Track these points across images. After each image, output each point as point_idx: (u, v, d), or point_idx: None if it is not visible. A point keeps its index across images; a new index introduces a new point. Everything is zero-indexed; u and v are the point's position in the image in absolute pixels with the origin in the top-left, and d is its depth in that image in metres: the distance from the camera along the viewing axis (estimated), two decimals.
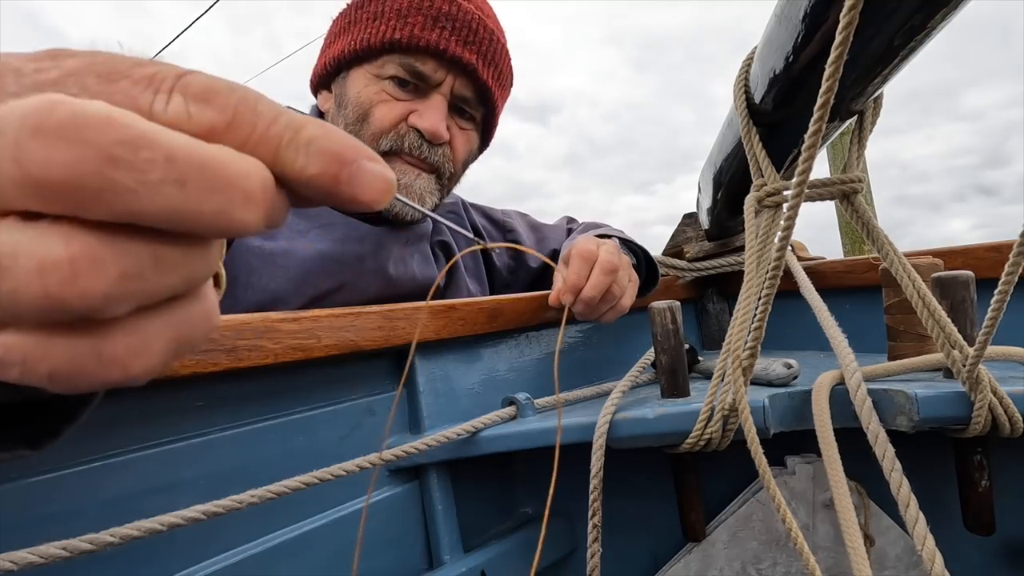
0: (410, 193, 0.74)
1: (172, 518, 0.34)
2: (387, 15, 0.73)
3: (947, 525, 0.49)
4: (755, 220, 0.52)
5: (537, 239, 1.04)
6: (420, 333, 0.57)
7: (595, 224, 1.03)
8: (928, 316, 0.45)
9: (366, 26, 0.74)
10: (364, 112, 0.73)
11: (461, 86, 0.76)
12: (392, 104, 0.73)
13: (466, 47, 0.74)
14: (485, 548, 0.59)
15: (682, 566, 0.60)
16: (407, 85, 0.73)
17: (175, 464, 0.43)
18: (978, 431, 0.43)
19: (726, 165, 0.70)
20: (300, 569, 0.48)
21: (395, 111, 0.73)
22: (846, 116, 0.50)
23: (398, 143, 0.73)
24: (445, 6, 0.73)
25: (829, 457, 0.42)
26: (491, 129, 0.86)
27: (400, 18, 0.72)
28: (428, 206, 0.77)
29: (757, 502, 0.60)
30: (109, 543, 0.31)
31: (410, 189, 0.74)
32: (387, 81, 0.73)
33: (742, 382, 0.46)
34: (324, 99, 0.81)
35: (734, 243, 0.90)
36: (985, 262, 0.65)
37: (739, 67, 0.55)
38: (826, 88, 0.33)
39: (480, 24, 0.75)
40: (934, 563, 0.35)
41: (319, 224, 0.74)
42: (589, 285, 0.63)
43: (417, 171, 0.75)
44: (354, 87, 0.75)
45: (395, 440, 0.57)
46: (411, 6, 0.73)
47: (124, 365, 0.15)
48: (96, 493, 0.39)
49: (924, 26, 0.37)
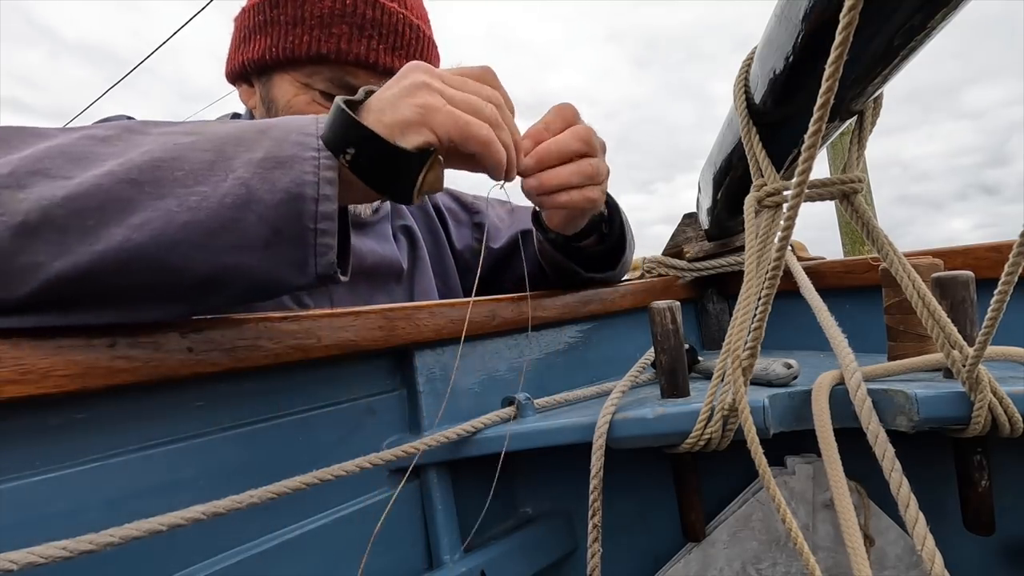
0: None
1: (173, 518, 0.34)
2: (309, 22, 0.70)
3: (947, 525, 0.49)
4: (755, 220, 0.52)
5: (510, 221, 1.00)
6: (420, 333, 0.57)
7: None
8: (928, 316, 0.45)
9: (286, 31, 0.71)
10: None
11: None
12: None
13: (395, 54, 0.73)
14: (485, 548, 0.59)
15: (682, 566, 0.60)
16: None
17: (175, 464, 0.43)
18: (978, 431, 0.43)
19: (726, 165, 0.70)
20: (300, 569, 0.48)
21: None
22: (846, 116, 0.50)
23: None
24: (369, 11, 0.71)
25: (829, 457, 0.42)
26: None
27: (324, 28, 0.70)
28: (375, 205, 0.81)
29: (757, 502, 0.60)
30: (109, 543, 0.31)
31: None
32: (318, 92, 0.72)
33: (742, 382, 0.46)
34: (246, 94, 0.79)
35: (734, 243, 0.90)
36: (985, 262, 0.65)
37: (739, 67, 0.55)
38: (826, 88, 0.33)
39: (406, 25, 0.74)
40: (934, 563, 0.35)
41: None
42: (554, 140, 0.57)
43: None
44: (282, 94, 0.73)
45: (395, 440, 0.57)
46: (334, 13, 0.70)
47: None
48: (96, 493, 0.39)
49: (924, 26, 0.37)
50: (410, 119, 0.45)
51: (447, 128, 0.45)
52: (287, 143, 0.42)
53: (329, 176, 0.41)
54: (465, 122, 0.45)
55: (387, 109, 0.45)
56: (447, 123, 0.45)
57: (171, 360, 0.40)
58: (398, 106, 0.45)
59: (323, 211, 0.41)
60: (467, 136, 0.46)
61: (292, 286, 0.43)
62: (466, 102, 0.47)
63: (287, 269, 0.41)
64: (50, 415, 0.38)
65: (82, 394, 0.38)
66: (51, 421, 0.38)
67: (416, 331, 0.56)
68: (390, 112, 0.45)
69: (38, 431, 0.37)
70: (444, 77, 0.48)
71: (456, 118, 0.45)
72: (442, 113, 0.45)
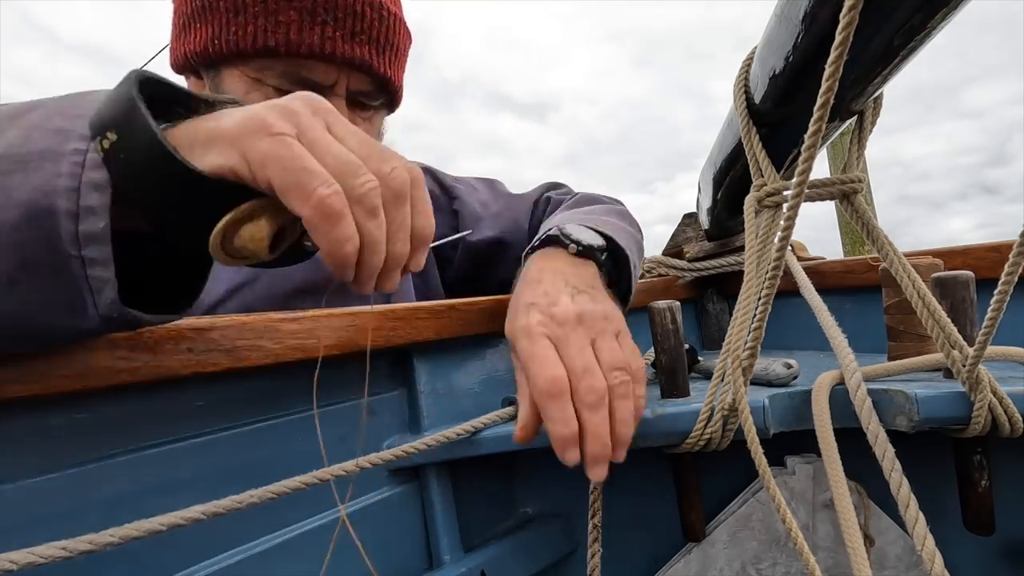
0: None
1: (173, 518, 0.34)
2: (252, 9, 0.60)
3: (947, 525, 0.49)
4: (755, 220, 0.52)
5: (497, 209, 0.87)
6: (420, 333, 0.57)
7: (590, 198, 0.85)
8: (928, 316, 0.45)
9: (228, 20, 0.61)
10: None
11: (357, 82, 0.66)
12: None
13: (355, 41, 0.63)
14: (485, 548, 0.59)
15: (682, 566, 0.60)
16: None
17: (175, 464, 0.43)
18: (978, 431, 0.43)
19: (726, 165, 0.70)
20: (300, 569, 0.48)
21: None
22: (846, 116, 0.50)
23: None
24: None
25: (829, 457, 0.42)
26: (397, 100, 0.75)
27: (269, 15, 0.60)
28: None
29: (757, 502, 0.60)
30: (109, 543, 0.31)
31: None
32: (271, 89, 0.63)
33: (742, 382, 0.46)
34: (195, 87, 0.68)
35: (734, 243, 0.90)
36: (985, 262, 0.65)
37: (739, 67, 0.55)
38: (826, 88, 0.33)
39: (366, 4, 0.64)
40: (934, 563, 0.35)
41: None
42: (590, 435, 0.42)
43: None
44: (233, 91, 0.64)
45: (395, 440, 0.57)
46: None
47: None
48: (96, 493, 0.39)
49: (924, 26, 0.37)
50: (223, 132, 0.31)
51: (266, 159, 0.30)
52: (43, 130, 0.30)
53: (96, 179, 0.29)
54: (302, 167, 0.30)
55: (215, 117, 0.32)
56: (271, 154, 0.30)
57: (171, 360, 0.40)
58: (230, 115, 0.32)
59: (86, 231, 0.28)
60: (294, 184, 0.30)
61: (76, 331, 0.32)
62: (336, 155, 0.32)
63: (56, 311, 0.30)
64: (50, 415, 0.38)
65: (82, 394, 0.38)
66: (51, 421, 0.38)
67: (416, 331, 0.56)
68: (213, 120, 0.32)
69: (38, 431, 0.37)
70: (333, 124, 0.34)
71: (292, 155, 0.30)
72: (274, 142, 0.30)
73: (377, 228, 0.33)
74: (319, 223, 0.30)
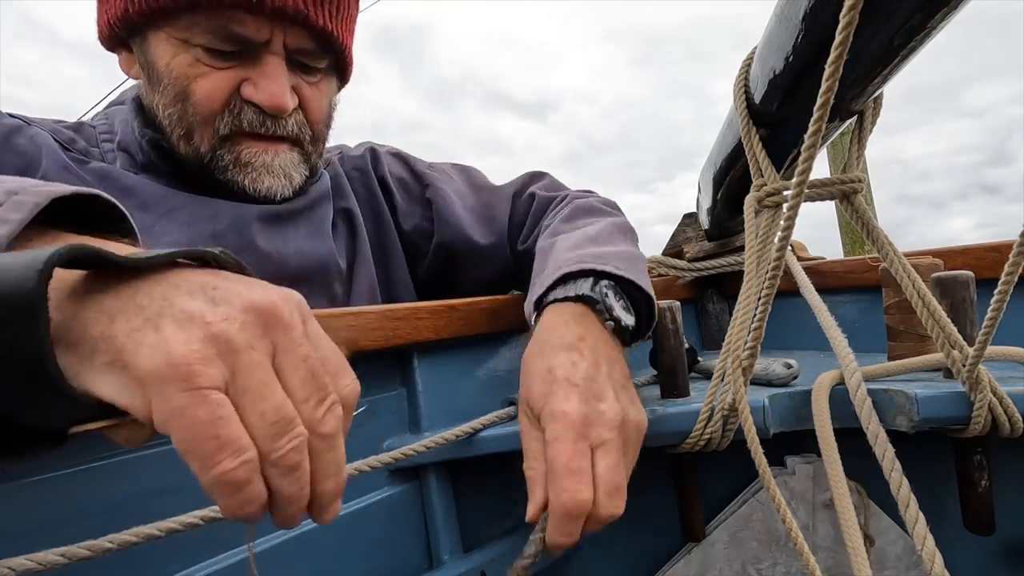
0: (271, 172, 0.62)
1: (171, 524, 0.33)
2: None
3: (947, 525, 0.49)
4: (755, 220, 0.52)
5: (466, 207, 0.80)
6: (420, 333, 0.57)
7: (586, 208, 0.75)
8: (928, 316, 0.45)
9: None
10: (182, 90, 0.58)
11: (295, 38, 0.59)
12: (215, 76, 0.57)
13: None
14: (485, 548, 0.59)
15: (682, 566, 0.60)
16: (226, 53, 0.57)
17: (175, 464, 0.43)
18: (978, 431, 0.43)
19: (726, 165, 0.70)
20: (301, 569, 0.48)
21: (221, 84, 0.58)
22: (846, 116, 0.50)
23: (235, 123, 0.59)
24: None
25: (829, 457, 0.42)
26: (347, 66, 0.68)
27: None
28: (296, 180, 0.64)
29: (757, 502, 0.60)
30: (108, 549, 0.31)
31: (270, 168, 0.61)
32: (199, 49, 0.57)
33: (742, 382, 0.46)
34: (127, 62, 0.64)
35: (734, 243, 0.90)
36: (985, 262, 0.65)
37: (739, 67, 0.55)
38: (826, 88, 0.33)
39: None
40: (934, 563, 0.35)
41: (161, 213, 0.60)
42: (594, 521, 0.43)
43: (272, 148, 0.61)
44: (161, 57, 0.58)
45: (395, 440, 0.57)
46: None
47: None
48: (96, 493, 0.39)
49: (924, 26, 0.37)
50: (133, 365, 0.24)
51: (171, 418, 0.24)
52: None
53: None
54: (212, 435, 0.25)
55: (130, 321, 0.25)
56: (180, 413, 0.24)
57: None
58: (153, 333, 0.25)
59: None
60: (197, 452, 0.25)
61: None
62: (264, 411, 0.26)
63: None
64: None
65: None
66: None
67: (416, 331, 0.56)
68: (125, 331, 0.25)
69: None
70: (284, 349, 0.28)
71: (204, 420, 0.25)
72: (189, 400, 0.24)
73: (293, 483, 0.27)
74: (217, 492, 0.26)
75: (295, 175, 0.64)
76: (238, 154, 0.60)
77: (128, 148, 0.64)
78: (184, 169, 0.62)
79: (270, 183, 0.62)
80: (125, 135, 0.65)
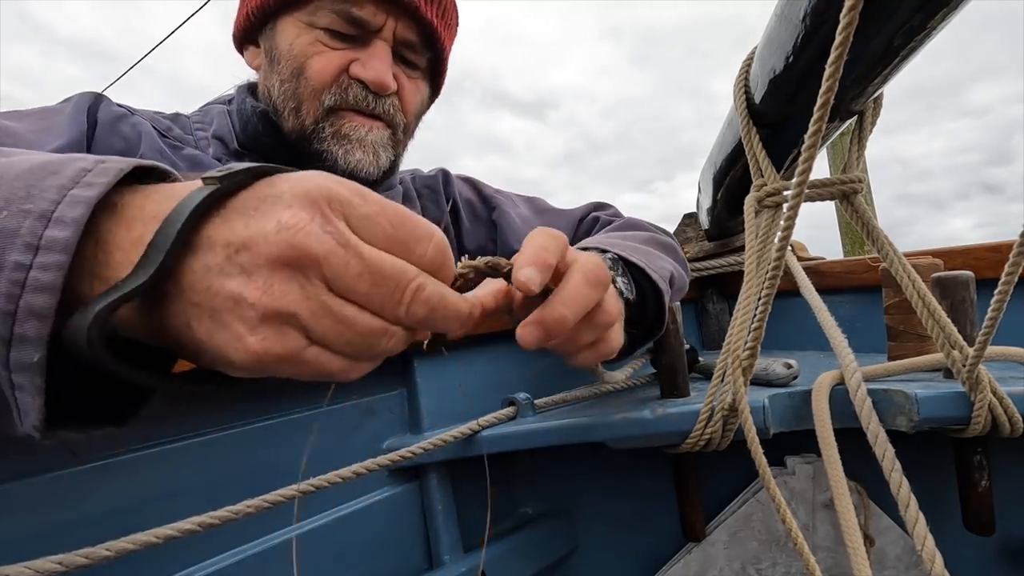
0: (363, 147, 0.68)
1: (168, 530, 0.33)
2: None
3: (947, 525, 0.49)
4: (755, 220, 0.52)
5: (538, 224, 0.81)
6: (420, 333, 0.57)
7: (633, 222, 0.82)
8: (928, 316, 0.45)
9: None
10: (299, 66, 0.66)
11: (404, 29, 0.68)
12: (329, 55, 0.66)
13: None
14: (485, 548, 0.59)
15: (682, 566, 0.60)
16: (343, 36, 0.66)
17: (175, 464, 0.43)
18: (978, 431, 0.43)
19: (726, 165, 0.70)
20: (300, 570, 0.48)
21: (334, 62, 0.66)
22: (846, 116, 0.50)
23: (341, 97, 0.66)
24: None
25: (829, 457, 0.42)
26: (441, 75, 0.77)
27: None
28: (383, 161, 0.70)
29: (757, 502, 0.60)
30: (105, 557, 0.31)
31: (363, 142, 0.68)
32: (321, 31, 0.66)
33: (742, 382, 0.46)
34: (252, 55, 0.73)
35: (734, 243, 0.90)
36: (985, 262, 0.65)
37: (739, 67, 0.55)
38: (826, 88, 0.33)
39: None
40: (934, 563, 0.35)
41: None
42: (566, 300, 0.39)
43: (368, 124, 0.68)
44: (285, 39, 0.67)
45: (395, 441, 0.57)
46: None
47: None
48: (96, 494, 0.39)
49: (924, 26, 0.37)
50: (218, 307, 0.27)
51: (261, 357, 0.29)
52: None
53: (38, 305, 0.24)
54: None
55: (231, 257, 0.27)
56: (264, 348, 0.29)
57: None
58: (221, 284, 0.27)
59: (18, 360, 0.24)
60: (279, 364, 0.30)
61: (5, 436, 0.27)
62: (342, 337, 0.30)
63: None
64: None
65: None
66: None
67: None
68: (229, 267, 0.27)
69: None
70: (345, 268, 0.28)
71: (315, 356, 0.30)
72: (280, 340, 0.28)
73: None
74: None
75: (382, 154, 0.70)
76: (339, 127, 0.67)
77: (222, 137, 0.71)
78: (278, 149, 0.68)
79: (360, 157, 0.68)
80: (220, 126, 0.72)
